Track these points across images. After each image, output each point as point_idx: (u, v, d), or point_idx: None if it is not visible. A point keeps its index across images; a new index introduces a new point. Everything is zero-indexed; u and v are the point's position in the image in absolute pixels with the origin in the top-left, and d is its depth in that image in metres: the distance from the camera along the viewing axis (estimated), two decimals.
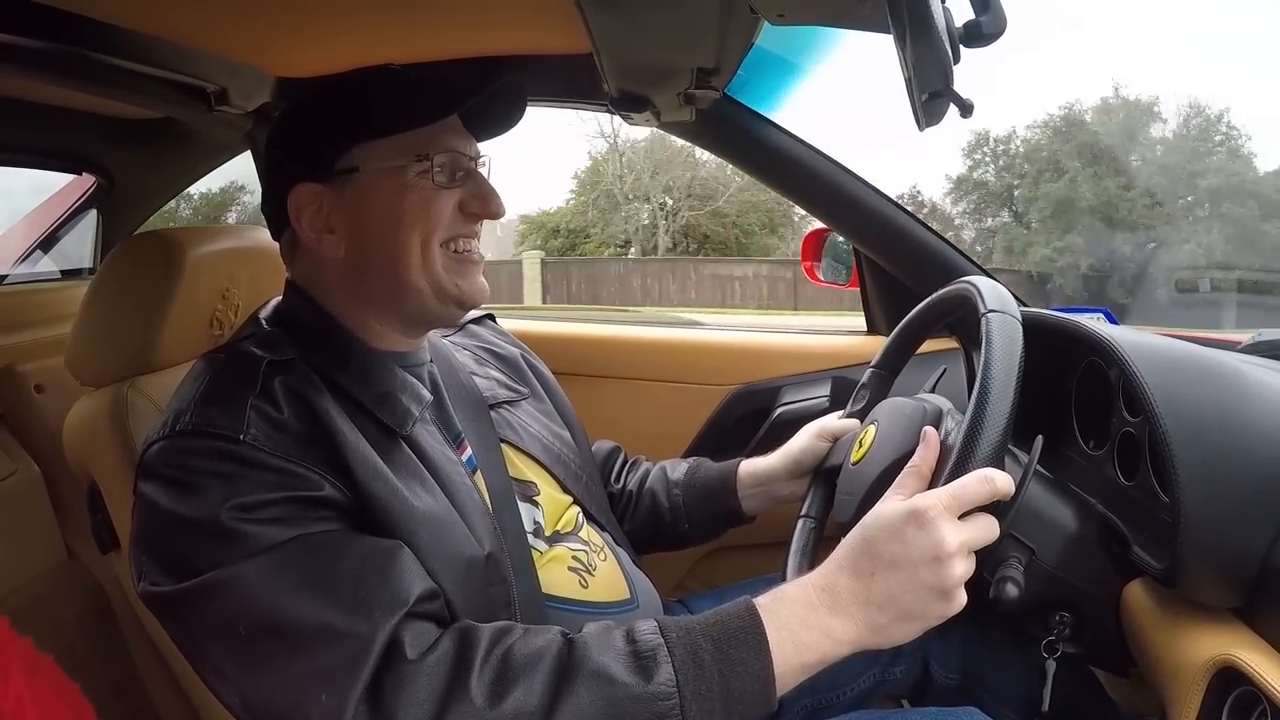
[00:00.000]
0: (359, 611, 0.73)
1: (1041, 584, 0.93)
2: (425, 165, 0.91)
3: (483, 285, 0.98)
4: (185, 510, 0.77)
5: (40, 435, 1.51)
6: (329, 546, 0.77)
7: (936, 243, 1.62)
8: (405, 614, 0.75)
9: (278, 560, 0.75)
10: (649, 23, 0.99)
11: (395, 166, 0.91)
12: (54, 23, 1.04)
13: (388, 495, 0.84)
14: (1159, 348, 0.93)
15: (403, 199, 0.91)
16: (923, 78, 0.74)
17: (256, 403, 0.82)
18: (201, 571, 0.75)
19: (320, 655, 0.72)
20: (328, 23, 1.19)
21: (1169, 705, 0.86)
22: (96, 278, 1.18)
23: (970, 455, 0.81)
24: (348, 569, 0.76)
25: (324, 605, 0.73)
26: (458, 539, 0.88)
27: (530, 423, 1.12)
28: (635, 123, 1.43)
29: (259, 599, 0.74)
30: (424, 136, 0.92)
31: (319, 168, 0.92)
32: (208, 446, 0.79)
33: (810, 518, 1.14)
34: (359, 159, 0.92)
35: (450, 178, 0.93)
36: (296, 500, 0.78)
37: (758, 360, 1.74)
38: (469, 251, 0.96)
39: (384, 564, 0.78)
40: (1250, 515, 0.82)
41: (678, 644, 0.75)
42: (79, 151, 1.80)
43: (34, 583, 1.40)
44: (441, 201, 0.93)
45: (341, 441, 0.83)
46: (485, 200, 0.96)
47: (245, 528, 0.75)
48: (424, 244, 0.92)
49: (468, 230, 0.96)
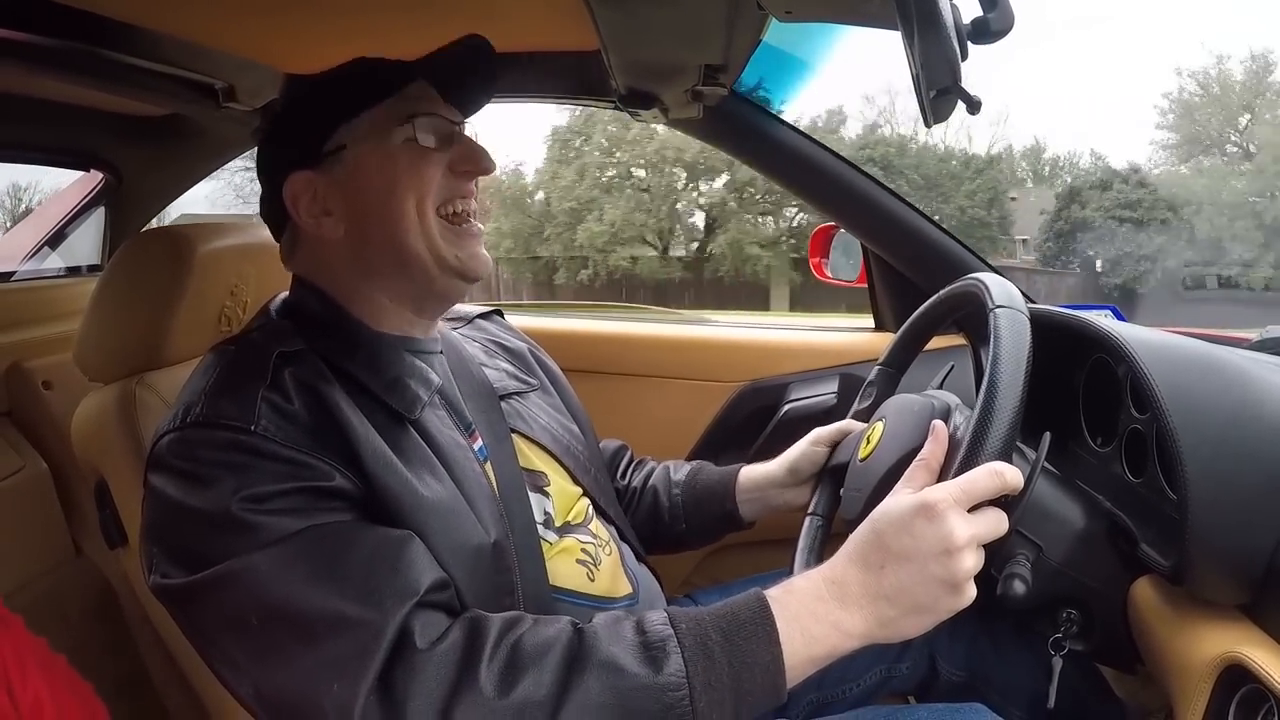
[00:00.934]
0: (370, 601, 0.74)
1: (1049, 581, 0.93)
2: (408, 130, 0.93)
3: (484, 256, 0.98)
4: (196, 502, 0.78)
5: (48, 431, 1.51)
6: (340, 536, 0.78)
7: (944, 239, 1.61)
8: (416, 603, 0.75)
9: (289, 551, 0.75)
10: (657, 20, 0.99)
11: (380, 137, 0.93)
12: (62, 19, 1.04)
13: (397, 485, 0.84)
14: (1167, 344, 0.93)
15: (392, 166, 0.92)
16: (931, 74, 0.73)
17: (267, 394, 0.82)
18: (212, 563, 0.75)
19: (331, 645, 0.72)
20: (335, 20, 1.20)
21: (1176, 702, 0.86)
22: (105, 274, 1.18)
23: (979, 450, 0.81)
24: (359, 559, 0.76)
25: (336, 595, 0.74)
26: (465, 527, 0.88)
27: (539, 414, 1.13)
28: (643, 119, 1.43)
29: (270, 589, 0.74)
30: (404, 105, 0.94)
31: (308, 154, 0.93)
32: (219, 438, 0.80)
33: (818, 515, 1.14)
34: (345, 137, 0.93)
35: (438, 141, 0.95)
36: (307, 491, 0.79)
37: (766, 357, 1.74)
38: (466, 217, 0.97)
39: (395, 554, 0.78)
40: (1258, 512, 0.82)
41: (687, 635, 0.75)
42: (87, 148, 1.80)
43: (42, 579, 1.40)
44: (430, 163, 0.94)
45: (351, 432, 0.83)
46: (475, 158, 0.96)
47: (256, 519, 0.76)
48: (419, 207, 0.93)
49: (462, 190, 0.97)
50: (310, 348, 0.89)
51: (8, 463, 1.44)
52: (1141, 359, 0.89)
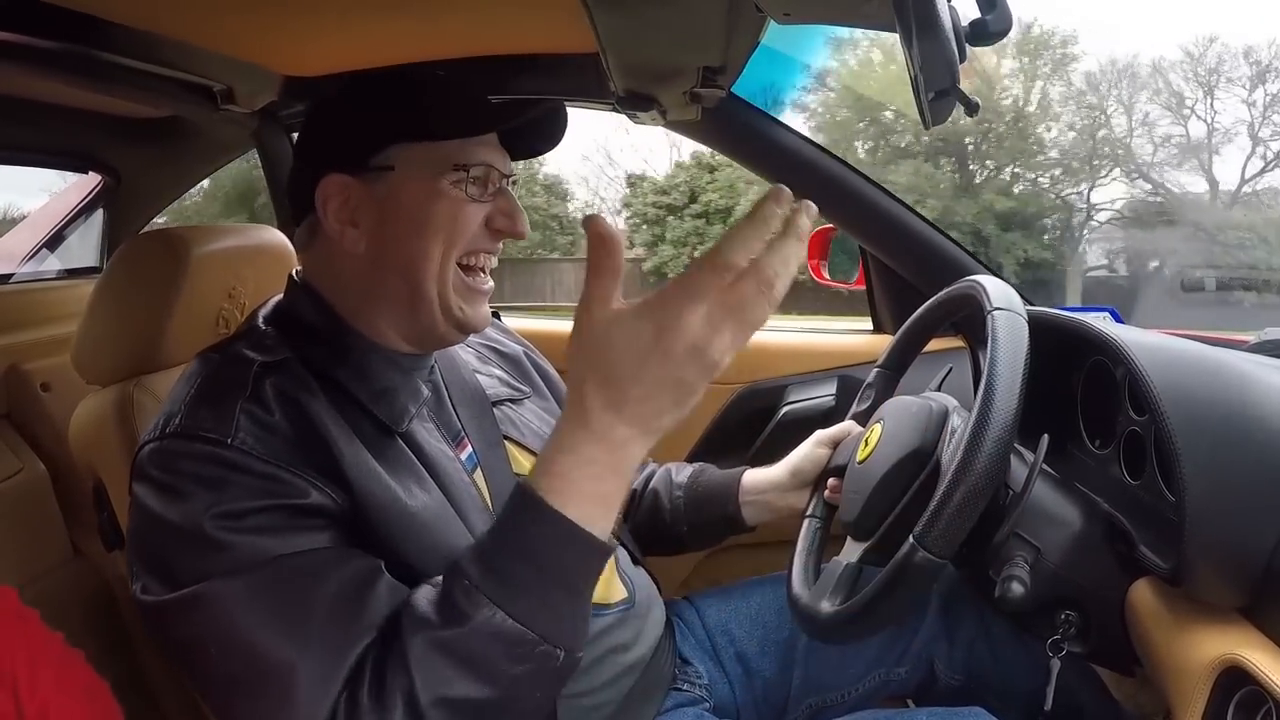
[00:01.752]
0: (325, 652, 0.74)
1: (1047, 583, 0.93)
2: (460, 175, 0.91)
3: (486, 314, 0.97)
4: (171, 515, 0.78)
5: (46, 433, 1.51)
6: (306, 574, 0.77)
7: (943, 242, 1.62)
8: (369, 644, 0.75)
9: (255, 584, 0.75)
10: (655, 22, 0.98)
11: (431, 172, 0.91)
12: (61, 22, 1.04)
13: (381, 494, 0.84)
14: (1165, 347, 0.93)
15: (433, 205, 0.91)
16: (929, 76, 0.73)
17: (247, 405, 0.82)
18: (182, 583, 0.76)
19: (283, 692, 0.73)
20: (334, 22, 1.20)
21: (1174, 705, 0.86)
22: (103, 276, 1.18)
23: (975, 454, 0.81)
24: (322, 599, 0.76)
25: (292, 641, 0.74)
26: (453, 536, 0.88)
27: (533, 420, 1.13)
28: (641, 121, 1.43)
29: (232, 623, 0.74)
30: (463, 147, 0.92)
31: (354, 160, 0.92)
32: (195, 450, 0.79)
33: (816, 517, 1.14)
34: (395, 158, 0.91)
35: (482, 191, 0.93)
36: (283, 508, 0.79)
37: (764, 359, 1.74)
38: (482, 277, 0.96)
39: (359, 594, 0.78)
40: (1256, 514, 0.82)
41: (471, 565, 0.73)
42: (85, 150, 1.80)
43: (40, 580, 1.40)
44: (470, 214, 0.92)
45: (333, 443, 0.83)
46: (513, 219, 0.95)
47: (229, 537, 0.76)
48: (444, 254, 0.91)
49: (489, 247, 0.95)
50: (297, 356, 0.89)
51: (6, 465, 1.44)
52: (1139, 361, 0.88)
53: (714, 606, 1.26)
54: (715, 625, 1.24)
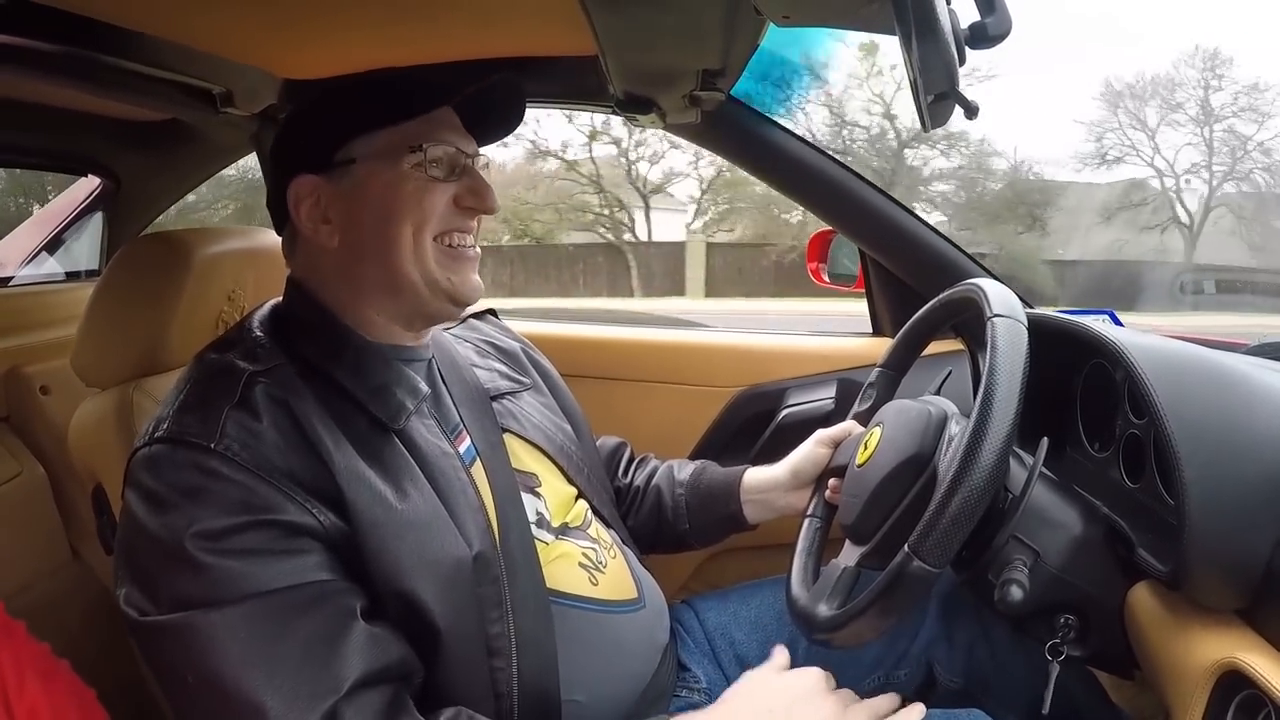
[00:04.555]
0: (296, 697, 0.74)
1: (1046, 587, 0.93)
2: (419, 157, 0.93)
3: (476, 282, 0.98)
4: (154, 527, 0.78)
5: (46, 437, 1.51)
6: (283, 613, 0.77)
7: (942, 245, 1.61)
8: (340, 699, 0.75)
9: (231, 621, 0.76)
10: (654, 25, 0.99)
11: (390, 158, 0.93)
12: (61, 25, 1.04)
13: (370, 501, 0.84)
14: (1164, 350, 0.93)
15: (397, 190, 0.92)
16: (929, 79, 0.73)
17: (233, 412, 0.83)
18: (161, 605, 0.77)
19: None
20: (333, 25, 1.19)
21: (1173, 708, 0.86)
22: (102, 279, 1.18)
23: (972, 463, 0.81)
24: (296, 642, 0.77)
25: (264, 683, 0.74)
26: (444, 540, 0.88)
27: (532, 413, 1.13)
28: (640, 124, 1.43)
29: (208, 656, 0.75)
30: (420, 130, 0.94)
31: (318, 160, 0.94)
32: (179, 457, 0.80)
33: (816, 518, 1.14)
34: (356, 151, 0.93)
35: (447, 172, 0.95)
36: (263, 526, 0.79)
37: (763, 362, 1.74)
38: (463, 246, 0.97)
39: (334, 640, 0.78)
40: (1256, 518, 0.82)
41: None
42: (85, 153, 1.80)
43: (39, 583, 1.40)
44: (435, 194, 0.94)
45: (321, 448, 0.84)
46: (480, 195, 0.97)
47: (207, 560, 0.76)
48: (415, 235, 0.93)
49: (461, 225, 0.97)
50: (292, 356, 0.90)
51: (5, 468, 1.44)
52: (1139, 364, 0.88)
53: (714, 610, 1.26)
54: (715, 628, 1.23)
